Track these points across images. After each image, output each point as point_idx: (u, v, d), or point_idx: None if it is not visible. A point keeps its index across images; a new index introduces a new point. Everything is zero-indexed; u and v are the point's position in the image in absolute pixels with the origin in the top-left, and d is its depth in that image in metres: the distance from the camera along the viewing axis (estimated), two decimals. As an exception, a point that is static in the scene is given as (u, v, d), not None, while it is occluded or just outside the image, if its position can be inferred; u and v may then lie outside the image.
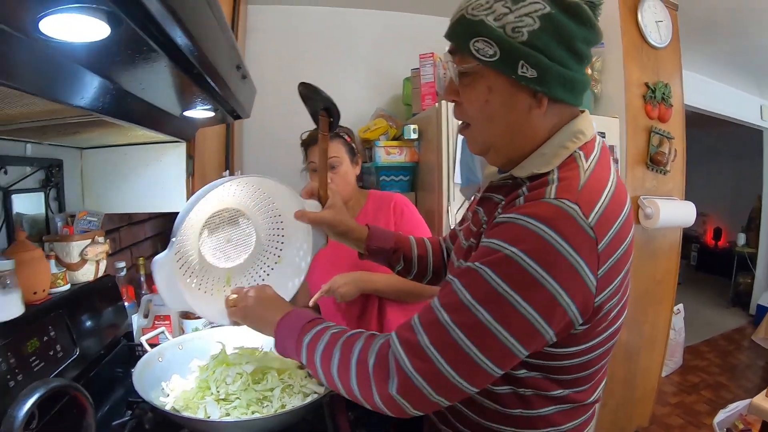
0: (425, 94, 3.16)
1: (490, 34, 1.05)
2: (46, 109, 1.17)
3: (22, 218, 1.80)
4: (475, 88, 1.13)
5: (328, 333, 1.20)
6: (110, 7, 0.71)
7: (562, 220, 0.97)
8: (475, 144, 1.23)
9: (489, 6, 1.06)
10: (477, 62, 1.09)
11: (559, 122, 1.14)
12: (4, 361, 1.28)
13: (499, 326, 0.97)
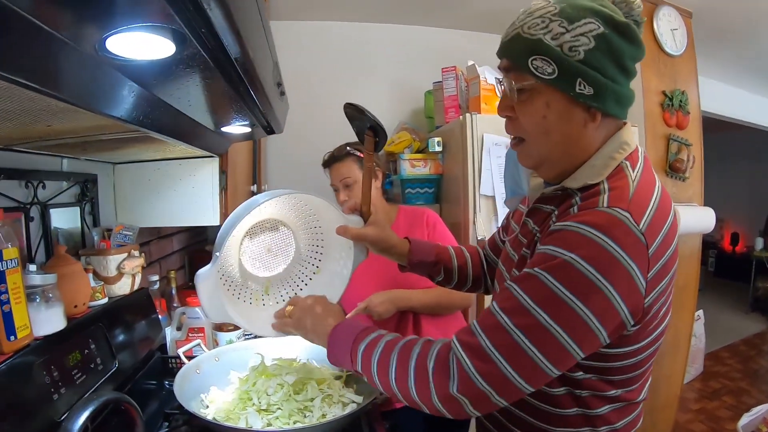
0: (448, 107, 3.16)
1: (548, 53, 1.09)
2: (94, 124, 1.18)
3: (58, 232, 1.82)
4: (533, 104, 1.15)
5: (383, 340, 1.23)
6: (177, 26, 0.73)
7: (615, 227, 1.01)
8: (529, 158, 1.26)
9: (545, 25, 1.09)
10: (536, 79, 1.12)
11: (607, 135, 1.19)
12: (48, 375, 1.29)
13: (559, 328, 1.01)
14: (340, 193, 2.35)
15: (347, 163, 2.35)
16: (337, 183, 2.36)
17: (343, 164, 2.34)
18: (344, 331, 1.31)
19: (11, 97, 0.85)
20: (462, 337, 1.11)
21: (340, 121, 4.12)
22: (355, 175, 2.32)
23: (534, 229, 1.28)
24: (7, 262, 1.23)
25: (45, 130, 1.24)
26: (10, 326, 1.23)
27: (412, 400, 1.15)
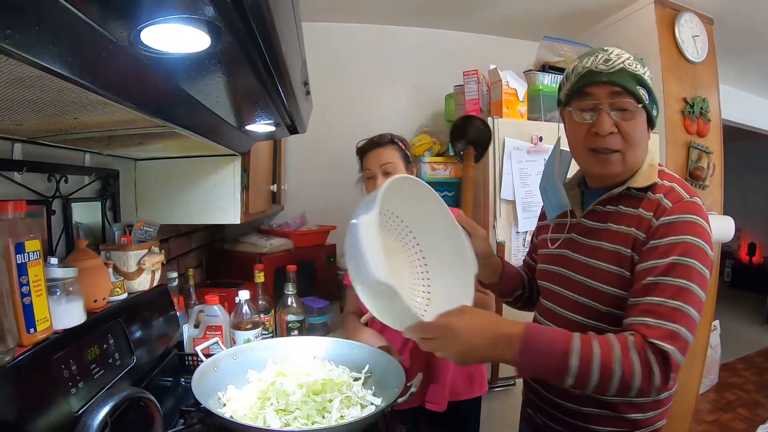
0: (470, 110, 3.12)
1: (645, 84, 1.45)
2: (121, 118, 1.19)
3: (79, 227, 1.82)
4: (635, 121, 1.46)
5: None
6: (214, 18, 0.72)
7: (702, 211, 1.40)
8: (621, 165, 1.50)
9: (638, 64, 1.46)
10: (639, 103, 1.44)
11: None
12: (66, 368, 1.29)
13: (704, 293, 1.34)
14: (377, 179, 2.27)
15: (389, 149, 2.30)
16: (376, 169, 2.28)
17: (385, 150, 2.30)
18: (540, 338, 1.32)
19: (42, 87, 0.85)
20: (666, 341, 1.26)
21: (360, 123, 4.13)
22: (396, 163, 2.28)
23: (604, 226, 1.54)
24: (30, 254, 1.23)
25: (71, 123, 1.24)
26: (30, 319, 1.23)
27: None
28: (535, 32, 3.91)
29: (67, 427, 1.17)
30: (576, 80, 1.50)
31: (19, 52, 0.61)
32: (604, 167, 1.51)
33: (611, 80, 1.44)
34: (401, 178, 1.51)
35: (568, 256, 1.62)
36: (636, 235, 1.43)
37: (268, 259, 3.05)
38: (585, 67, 1.48)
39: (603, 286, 1.48)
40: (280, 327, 2.53)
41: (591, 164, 1.53)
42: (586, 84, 1.48)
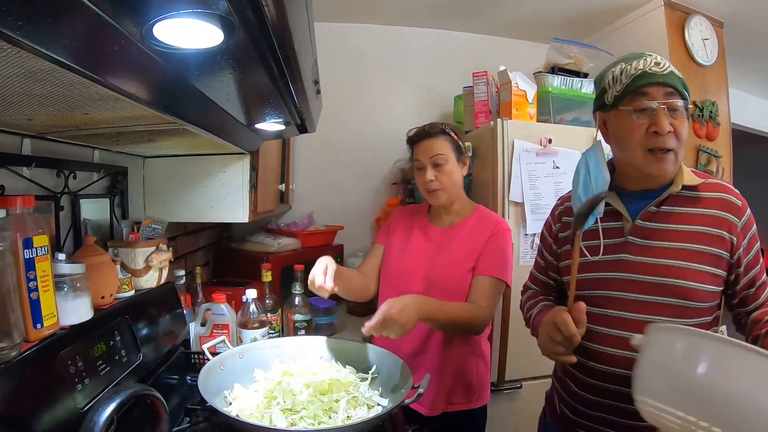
0: (479, 112, 3.13)
1: (686, 87, 1.53)
2: (131, 114, 1.18)
3: (87, 223, 1.82)
4: (683, 120, 1.51)
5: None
6: (227, 12, 0.72)
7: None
8: (673, 165, 1.54)
9: (675, 70, 1.54)
10: (686, 102, 1.51)
11: None
12: (73, 364, 1.29)
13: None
14: (426, 171, 2.20)
15: (440, 140, 2.22)
16: (426, 160, 2.21)
17: (436, 141, 2.22)
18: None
19: (53, 81, 0.84)
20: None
21: (369, 124, 4.14)
22: (447, 154, 2.21)
23: (678, 227, 1.56)
24: (37, 249, 1.23)
25: (81, 119, 1.23)
26: (37, 314, 1.23)
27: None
28: (545, 34, 3.90)
29: (72, 423, 1.17)
30: (629, 81, 1.53)
31: (31, 44, 0.61)
32: (663, 166, 1.53)
33: (665, 81, 1.50)
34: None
35: (628, 259, 1.59)
36: (725, 237, 1.52)
37: (276, 258, 3.05)
38: (638, 69, 1.52)
39: (690, 284, 1.51)
40: (287, 326, 2.53)
41: (649, 164, 1.53)
42: (642, 84, 1.51)
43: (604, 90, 1.62)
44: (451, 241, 2.26)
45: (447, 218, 2.34)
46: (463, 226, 2.28)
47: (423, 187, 2.26)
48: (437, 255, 2.23)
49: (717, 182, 1.58)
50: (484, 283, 2.13)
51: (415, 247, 2.31)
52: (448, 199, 2.25)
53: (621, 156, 1.63)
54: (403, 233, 2.41)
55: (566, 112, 3.08)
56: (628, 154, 1.58)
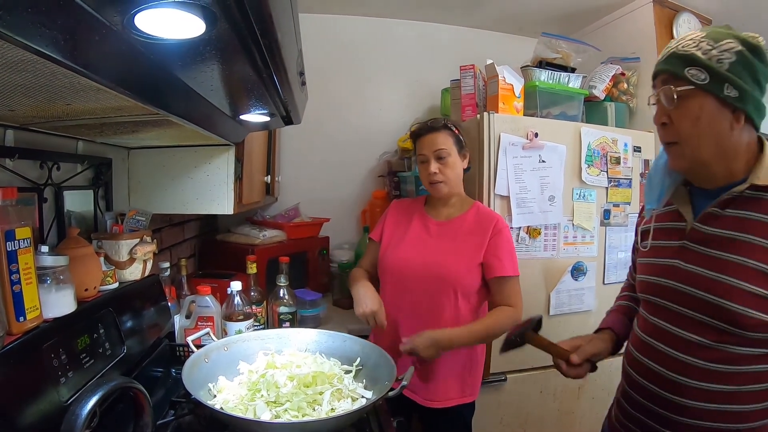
0: (466, 105, 3.11)
1: (701, 63, 1.31)
2: (114, 105, 1.17)
3: (71, 215, 1.81)
4: (689, 107, 1.34)
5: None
6: (209, 3, 0.72)
7: None
8: (682, 159, 1.42)
9: (696, 44, 1.33)
10: (692, 85, 1.32)
11: (750, 141, 1.38)
12: (56, 357, 1.28)
13: None
14: (429, 164, 2.28)
15: (443, 134, 2.29)
16: (429, 153, 2.28)
17: (440, 135, 2.29)
18: None
19: (34, 71, 0.84)
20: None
21: (356, 116, 4.13)
22: (449, 148, 2.28)
23: (737, 235, 1.36)
24: (20, 241, 1.22)
25: (64, 109, 1.22)
26: (20, 307, 1.22)
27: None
28: (534, 29, 3.91)
29: (56, 417, 1.16)
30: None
31: (11, 34, 0.60)
32: (671, 161, 1.46)
33: (659, 69, 1.43)
34: None
35: (681, 267, 1.45)
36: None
37: (261, 250, 3.04)
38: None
39: (737, 307, 1.30)
40: (272, 319, 2.53)
41: (669, 159, 1.47)
42: (653, 77, 1.46)
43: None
44: (454, 235, 2.31)
45: (444, 211, 2.40)
46: (464, 221, 2.34)
47: (426, 180, 2.33)
48: (438, 246, 2.27)
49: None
50: (511, 284, 2.24)
51: (414, 237, 2.35)
52: (449, 192, 2.32)
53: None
54: (400, 224, 2.45)
55: (553, 107, 3.08)
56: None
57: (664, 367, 1.45)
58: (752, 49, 1.31)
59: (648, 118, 3.58)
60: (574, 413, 3.10)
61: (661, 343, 1.47)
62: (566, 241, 2.96)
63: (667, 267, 1.49)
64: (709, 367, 1.35)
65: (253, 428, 1.42)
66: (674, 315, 1.45)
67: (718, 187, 1.40)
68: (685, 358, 1.40)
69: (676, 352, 1.42)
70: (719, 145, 1.35)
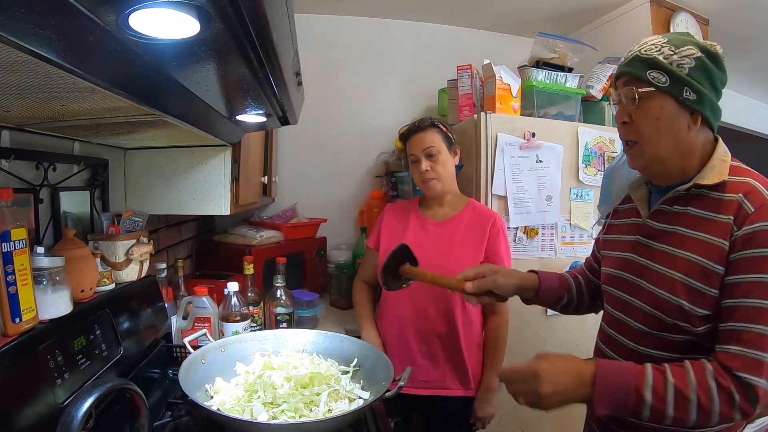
0: (462, 105, 3.12)
1: (662, 67, 1.38)
2: (109, 105, 1.17)
3: (67, 216, 1.81)
4: (649, 108, 1.40)
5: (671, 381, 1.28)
6: (203, 3, 0.71)
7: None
8: (641, 159, 1.48)
9: (658, 49, 1.39)
10: (652, 87, 1.39)
11: (705, 142, 1.45)
12: (52, 359, 1.28)
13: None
14: (420, 163, 2.33)
15: (430, 133, 2.34)
16: (419, 153, 2.33)
17: (427, 134, 2.34)
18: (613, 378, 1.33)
19: (28, 72, 0.83)
20: (749, 372, 1.22)
21: (353, 116, 4.13)
22: (438, 145, 2.33)
23: (664, 228, 1.48)
24: (15, 242, 1.22)
25: (59, 110, 1.22)
26: (16, 308, 1.22)
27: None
28: (530, 28, 3.91)
29: (52, 418, 1.16)
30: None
31: (5, 34, 0.60)
32: (630, 159, 1.52)
33: (622, 71, 1.48)
34: None
35: (635, 260, 1.54)
36: (717, 244, 1.31)
37: (258, 251, 3.04)
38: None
39: (670, 296, 1.38)
40: (269, 319, 2.52)
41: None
42: (616, 81, 1.52)
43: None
44: (453, 234, 2.35)
45: (440, 211, 2.44)
46: (461, 220, 2.38)
47: (419, 179, 2.37)
48: (438, 247, 2.28)
49: (748, 182, 1.35)
50: None
51: (411, 238, 2.35)
52: (443, 189, 2.36)
53: None
54: (397, 228, 2.47)
55: (550, 107, 3.08)
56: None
57: (621, 356, 1.52)
58: (711, 56, 1.39)
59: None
60: (572, 413, 3.09)
61: (619, 334, 1.57)
62: (564, 241, 2.96)
63: (623, 260, 1.59)
64: (656, 354, 1.42)
65: (250, 429, 1.42)
66: (631, 308, 1.52)
67: (673, 184, 1.46)
68: (636, 347, 1.49)
69: (628, 341, 1.52)
70: (677, 145, 1.42)
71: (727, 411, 1.21)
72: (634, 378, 1.28)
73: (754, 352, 1.21)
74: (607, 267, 1.68)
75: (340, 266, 3.60)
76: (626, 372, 1.30)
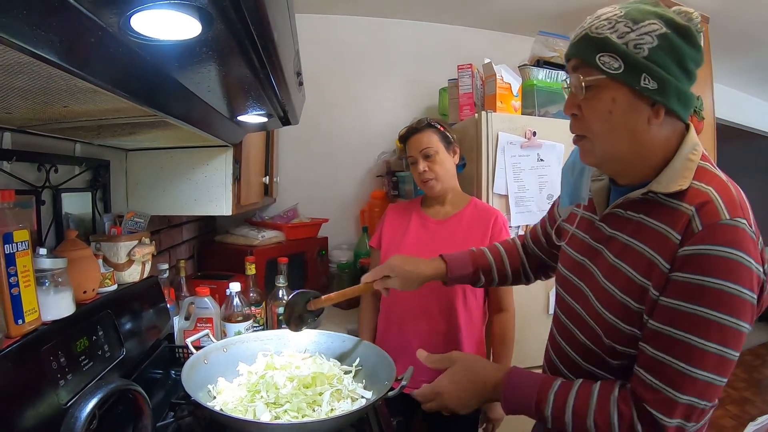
0: (463, 104, 3.13)
1: (615, 49, 1.14)
2: (111, 107, 1.17)
3: (69, 217, 1.81)
4: (600, 99, 1.19)
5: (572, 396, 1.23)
6: (205, 4, 0.72)
7: (746, 239, 1.06)
8: (592, 155, 1.28)
9: (612, 25, 1.15)
10: (603, 75, 1.16)
11: (671, 135, 1.21)
12: (55, 360, 1.28)
13: (730, 350, 1.07)
14: (418, 164, 2.35)
15: (427, 133, 2.36)
16: (416, 154, 2.35)
17: (423, 134, 2.36)
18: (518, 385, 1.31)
19: (30, 74, 0.84)
20: (660, 410, 1.10)
21: (354, 116, 4.14)
22: (435, 146, 2.34)
23: (612, 233, 1.31)
24: (18, 244, 1.22)
25: (61, 112, 1.22)
26: (18, 310, 1.22)
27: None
28: (531, 27, 3.90)
29: (55, 420, 1.16)
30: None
31: (7, 36, 0.60)
32: (581, 155, 1.33)
33: (569, 53, 1.26)
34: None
35: (585, 264, 1.39)
36: (657, 262, 1.14)
37: (260, 251, 3.04)
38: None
39: (609, 316, 1.25)
40: (271, 319, 2.53)
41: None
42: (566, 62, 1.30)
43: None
44: (454, 232, 2.36)
45: (442, 210, 2.45)
46: (462, 218, 2.39)
47: (418, 179, 2.38)
48: (440, 245, 2.27)
49: (707, 193, 1.12)
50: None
51: (414, 237, 2.39)
52: (442, 188, 2.37)
53: None
54: (399, 227, 2.50)
55: (551, 105, 3.08)
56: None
57: (568, 370, 1.42)
58: (680, 31, 1.14)
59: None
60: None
61: (566, 343, 1.44)
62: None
63: (574, 262, 1.45)
64: (600, 375, 1.30)
65: (253, 429, 1.42)
66: (576, 315, 1.40)
67: (635, 184, 1.26)
68: (581, 362, 1.37)
69: (575, 354, 1.39)
70: (634, 142, 1.20)
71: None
72: (537, 395, 1.25)
73: (672, 391, 1.08)
74: (561, 264, 1.54)
75: (342, 266, 3.61)
76: (531, 389, 1.27)
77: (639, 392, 1.13)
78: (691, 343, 1.06)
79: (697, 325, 1.06)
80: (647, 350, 1.13)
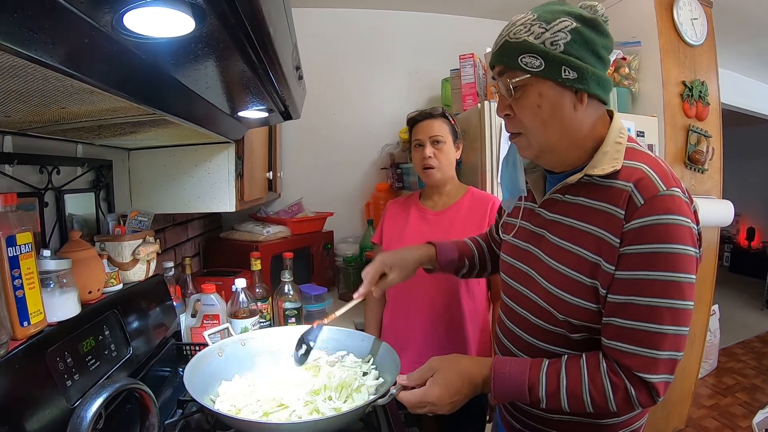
0: (466, 94, 3.12)
1: (534, 50, 1.25)
2: (109, 107, 1.17)
3: (72, 218, 1.81)
4: (528, 96, 1.28)
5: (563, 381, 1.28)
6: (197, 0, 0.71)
7: (682, 205, 1.19)
8: (529, 149, 1.37)
9: (528, 29, 1.26)
10: (527, 74, 1.26)
11: (597, 119, 1.34)
12: (61, 361, 1.28)
13: (689, 303, 1.19)
14: (425, 148, 2.37)
15: (440, 121, 2.39)
16: (425, 138, 2.37)
17: (436, 122, 2.38)
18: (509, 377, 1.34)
19: (26, 77, 0.83)
20: (645, 371, 1.19)
21: (356, 109, 4.13)
22: (445, 136, 2.37)
23: (552, 217, 1.41)
24: (21, 246, 1.22)
25: (59, 113, 1.22)
26: (24, 312, 1.22)
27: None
28: (531, 16, 3.89)
29: (64, 420, 1.16)
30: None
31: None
32: (519, 151, 1.43)
33: (492, 61, 1.36)
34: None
35: (529, 250, 1.48)
36: (606, 238, 1.23)
37: (265, 246, 3.05)
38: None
39: (560, 292, 1.33)
40: (278, 315, 2.53)
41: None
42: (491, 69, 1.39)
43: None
44: (453, 221, 2.38)
45: (440, 200, 2.47)
46: (460, 207, 2.41)
47: (420, 164, 2.40)
48: (439, 235, 2.26)
49: (640, 169, 1.24)
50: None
51: (413, 229, 2.41)
52: (441, 178, 2.39)
53: None
54: (399, 220, 2.52)
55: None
56: None
57: (522, 351, 1.50)
58: (588, 24, 1.26)
59: (652, 102, 3.59)
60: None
61: (518, 327, 1.52)
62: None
63: (518, 249, 1.54)
64: (557, 351, 1.39)
65: (257, 429, 1.41)
66: (527, 301, 1.47)
67: (568, 171, 1.38)
68: (536, 342, 1.45)
69: (529, 336, 1.47)
70: (564, 130, 1.30)
71: (624, 405, 1.21)
72: (528, 380, 1.29)
73: (652, 351, 1.17)
74: (504, 253, 1.63)
75: (348, 259, 3.61)
76: (520, 375, 1.31)
77: (623, 361, 1.21)
78: (658, 305, 1.17)
79: (660, 288, 1.17)
80: (616, 322, 1.22)
